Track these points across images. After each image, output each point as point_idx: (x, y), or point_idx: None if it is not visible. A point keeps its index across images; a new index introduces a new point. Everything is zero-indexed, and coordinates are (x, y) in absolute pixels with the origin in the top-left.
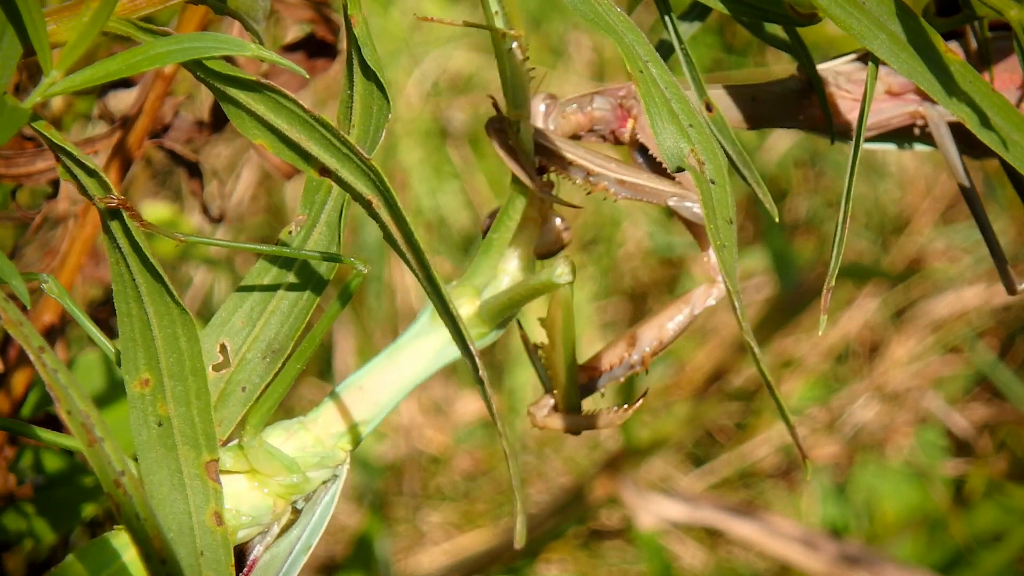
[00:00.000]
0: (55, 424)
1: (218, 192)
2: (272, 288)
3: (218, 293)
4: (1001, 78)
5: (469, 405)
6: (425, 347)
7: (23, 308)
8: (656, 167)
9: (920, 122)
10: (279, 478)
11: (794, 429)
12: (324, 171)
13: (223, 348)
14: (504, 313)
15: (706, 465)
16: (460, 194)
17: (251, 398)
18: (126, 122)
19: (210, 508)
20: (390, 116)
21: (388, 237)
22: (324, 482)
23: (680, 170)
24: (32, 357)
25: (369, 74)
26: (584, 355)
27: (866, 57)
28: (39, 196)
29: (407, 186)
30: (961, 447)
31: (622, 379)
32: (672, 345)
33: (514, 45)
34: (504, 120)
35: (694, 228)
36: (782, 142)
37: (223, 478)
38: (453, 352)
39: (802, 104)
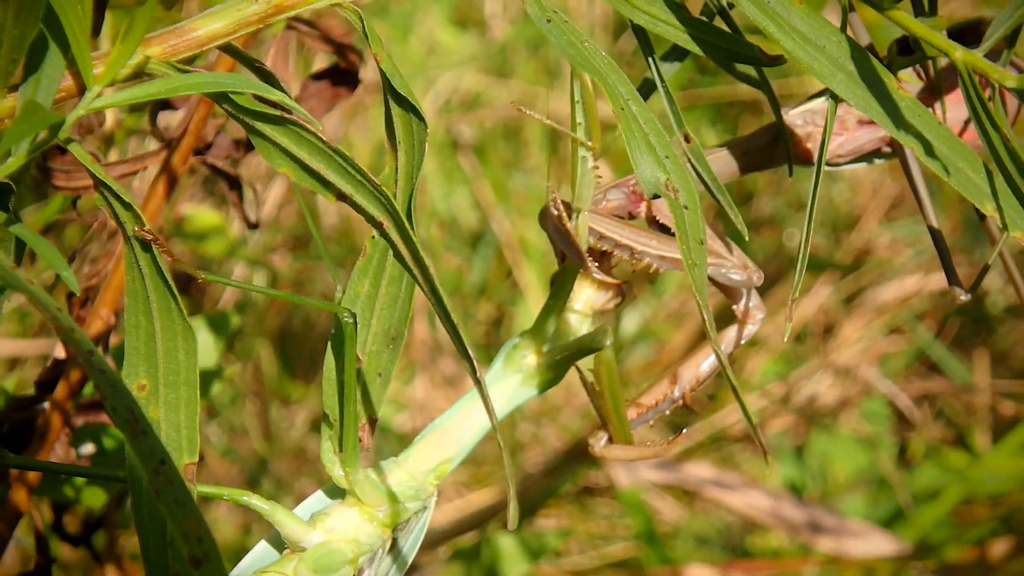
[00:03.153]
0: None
1: (255, 200)
2: (373, 288)
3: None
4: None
5: None
6: (499, 392)
7: (84, 301)
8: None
9: (886, 139)
10: (383, 508)
11: (757, 429)
12: (341, 196)
13: None
14: (562, 366)
15: (683, 432)
16: (469, 197)
17: (387, 382)
18: (171, 142)
19: None
20: (428, 132)
21: (397, 255)
22: (416, 512)
23: (656, 196)
24: (82, 360)
25: (401, 100)
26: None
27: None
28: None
29: (424, 191)
30: (903, 416)
31: (667, 412)
32: (707, 381)
33: (588, 153)
34: (566, 210)
35: (727, 290)
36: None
37: (340, 512)
38: (524, 394)
39: (779, 144)
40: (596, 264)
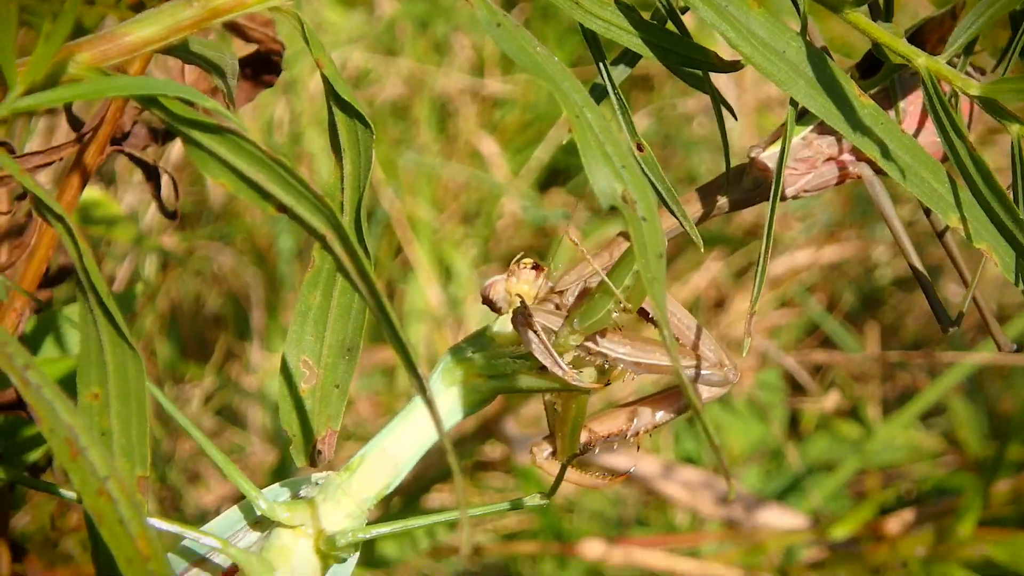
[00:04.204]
0: None
1: (175, 192)
2: (325, 300)
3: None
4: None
5: (381, 354)
6: (438, 406)
7: None
8: None
9: (853, 175)
10: (329, 539)
11: (725, 465)
12: (281, 208)
13: (306, 363)
14: (520, 390)
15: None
16: None
17: (344, 394)
18: (87, 134)
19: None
20: (374, 138)
21: (341, 269)
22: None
23: (613, 208)
24: (14, 378)
25: (346, 107)
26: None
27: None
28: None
29: (314, 171)
30: (796, 387)
31: (615, 447)
32: (662, 426)
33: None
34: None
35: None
36: (712, 162)
37: (288, 538)
38: (464, 410)
39: (760, 188)
40: (572, 368)
